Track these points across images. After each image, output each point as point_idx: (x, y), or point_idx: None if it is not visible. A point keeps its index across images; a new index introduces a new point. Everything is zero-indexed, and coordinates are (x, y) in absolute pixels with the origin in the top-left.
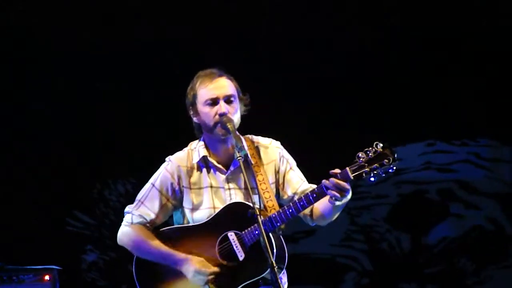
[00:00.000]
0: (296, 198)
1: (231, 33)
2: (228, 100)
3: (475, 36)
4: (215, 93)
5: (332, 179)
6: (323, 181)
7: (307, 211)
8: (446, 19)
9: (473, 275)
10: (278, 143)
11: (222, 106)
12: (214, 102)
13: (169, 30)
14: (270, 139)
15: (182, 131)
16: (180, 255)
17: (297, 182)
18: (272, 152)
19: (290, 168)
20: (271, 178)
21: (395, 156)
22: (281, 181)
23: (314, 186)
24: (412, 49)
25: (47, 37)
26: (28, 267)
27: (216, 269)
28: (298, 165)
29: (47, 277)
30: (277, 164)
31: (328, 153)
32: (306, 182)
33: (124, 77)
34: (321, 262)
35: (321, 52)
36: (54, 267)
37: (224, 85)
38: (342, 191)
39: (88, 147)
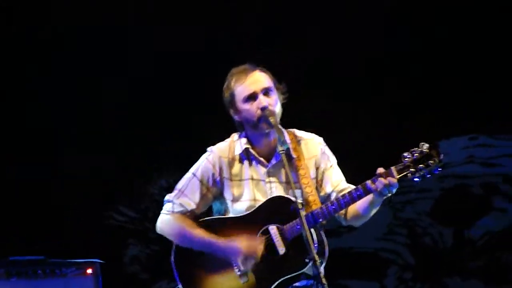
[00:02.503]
0: (335, 195)
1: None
2: (266, 92)
3: None
4: (252, 88)
5: (379, 179)
6: (367, 181)
7: (342, 210)
8: None
9: None
10: (321, 139)
11: (262, 100)
12: (253, 97)
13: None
14: (313, 134)
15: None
16: (225, 241)
17: (337, 181)
18: (314, 147)
19: (331, 166)
20: (312, 173)
21: (441, 157)
22: (320, 177)
23: (353, 186)
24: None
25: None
26: (71, 260)
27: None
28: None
29: (89, 271)
30: (318, 160)
31: (373, 148)
32: (345, 182)
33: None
34: (364, 256)
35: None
36: (96, 260)
37: (259, 79)
38: (390, 187)
39: (133, 141)
